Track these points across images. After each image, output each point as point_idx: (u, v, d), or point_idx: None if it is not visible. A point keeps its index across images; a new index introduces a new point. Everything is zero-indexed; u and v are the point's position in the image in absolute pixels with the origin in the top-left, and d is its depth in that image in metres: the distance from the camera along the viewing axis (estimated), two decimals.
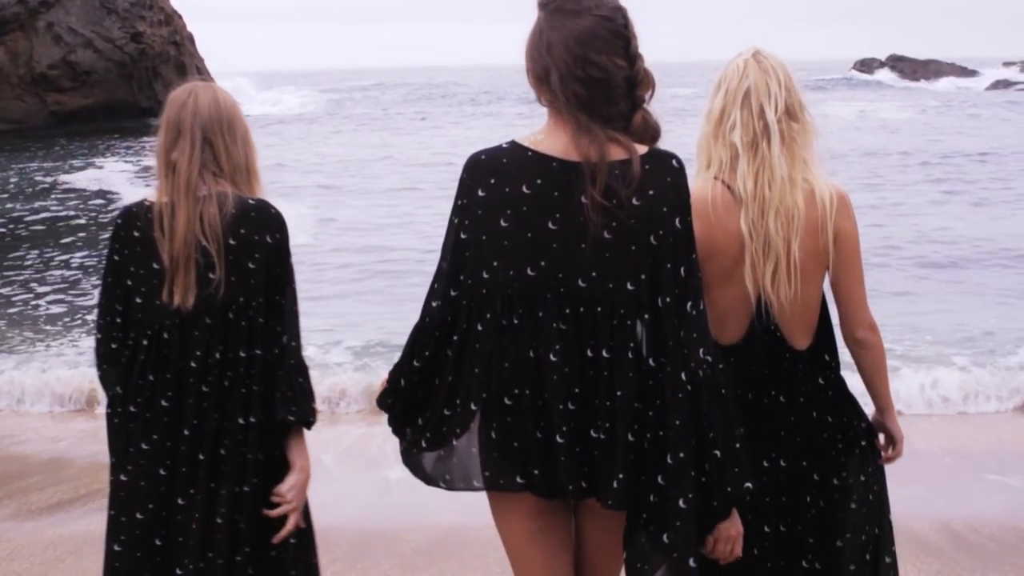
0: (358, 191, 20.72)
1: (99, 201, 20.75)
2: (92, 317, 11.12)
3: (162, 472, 2.86)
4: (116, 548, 2.90)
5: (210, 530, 2.85)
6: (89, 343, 9.90)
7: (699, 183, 2.96)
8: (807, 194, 2.93)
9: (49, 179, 24.40)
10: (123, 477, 2.89)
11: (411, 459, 2.67)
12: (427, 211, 17.48)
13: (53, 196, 21.64)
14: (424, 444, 2.59)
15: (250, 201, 2.94)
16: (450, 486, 2.62)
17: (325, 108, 51.36)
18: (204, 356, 2.87)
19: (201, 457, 2.87)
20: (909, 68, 75.10)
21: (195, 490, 2.86)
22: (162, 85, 42.05)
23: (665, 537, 2.40)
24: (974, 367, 8.21)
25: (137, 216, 2.93)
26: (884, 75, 74.37)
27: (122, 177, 24.83)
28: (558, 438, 2.40)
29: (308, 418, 2.97)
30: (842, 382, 3.10)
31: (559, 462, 2.41)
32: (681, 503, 2.37)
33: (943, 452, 6.81)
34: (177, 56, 42.63)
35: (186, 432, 2.86)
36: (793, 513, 3.03)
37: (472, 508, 3.75)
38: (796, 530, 3.03)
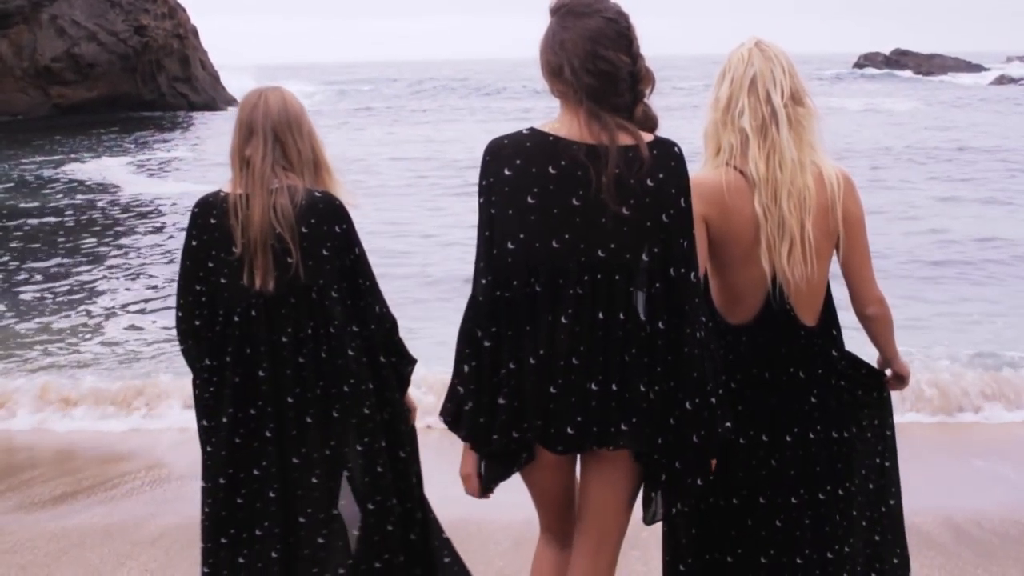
0: (361, 188, 20.68)
1: (101, 194, 20.78)
2: (96, 311, 11.14)
3: (268, 434, 3.22)
4: (239, 501, 3.27)
5: (336, 484, 3.24)
6: (88, 348, 9.90)
7: (710, 170, 3.09)
8: (816, 176, 3.05)
9: (51, 172, 24.40)
10: (237, 440, 3.24)
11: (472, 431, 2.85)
12: (424, 208, 17.47)
13: (55, 188, 21.65)
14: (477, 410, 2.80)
15: (316, 193, 3.25)
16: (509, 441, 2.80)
17: (329, 101, 51.39)
18: (295, 332, 3.21)
19: (309, 420, 3.22)
20: (913, 63, 74.94)
21: (307, 449, 3.22)
22: (165, 78, 42.05)
23: (677, 463, 2.77)
24: (979, 367, 8.15)
25: (213, 205, 3.26)
26: (888, 69, 74.24)
27: (124, 170, 24.85)
28: (552, 389, 2.71)
29: (415, 363, 3.50)
30: (847, 352, 3.26)
31: (549, 410, 2.72)
32: (695, 438, 2.75)
33: (945, 447, 6.83)
34: (181, 49, 42.61)
35: (290, 399, 3.21)
36: (832, 479, 3.16)
37: (475, 502, 3.77)
38: (838, 495, 3.17)
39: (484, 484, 2.91)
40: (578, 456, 2.91)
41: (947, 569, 4.92)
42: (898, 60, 76.09)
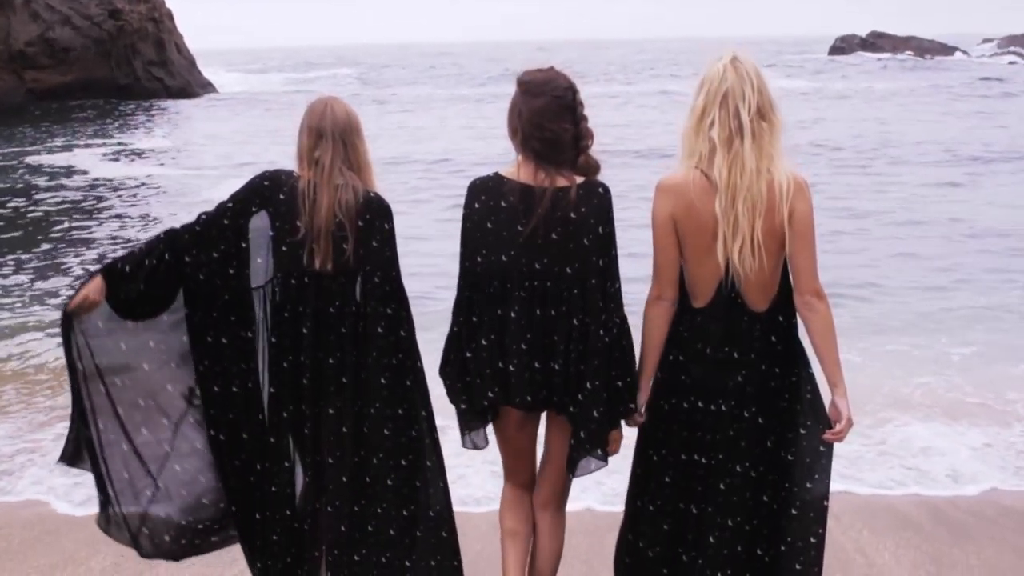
0: None
1: (71, 179, 20.72)
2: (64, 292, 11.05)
3: (305, 382, 3.79)
4: (305, 431, 3.83)
5: (359, 434, 3.80)
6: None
7: (681, 170, 3.54)
8: (769, 183, 3.45)
9: (24, 157, 24.26)
10: (272, 390, 3.85)
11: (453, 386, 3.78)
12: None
13: (24, 172, 21.54)
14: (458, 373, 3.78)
15: (370, 194, 3.80)
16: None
17: (298, 86, 51.23)
18: (341, 305, 3.76)
19: (345, 380, 3.78)
20: (889, 45, 75.15)
21: (341, 404, 3.79)
22: (141, 62, 41.78)
23: (582, 433, 3.63)
24: (962, 374, 8.15)
25: (285, 182, 3.79)
26: (864, 52, 74.44)
27: (96, 155, 24.76)
28: (511, 367, 3.62)
29: None
30: (794, 340, 3.60)
31: (511, 384, 3.64)
32: (595, 413, 3.59)
33: (923, 432, 6.89)
34: (156, 33, 42.33)
35: (331, 360, 3.78)
36: (744, 455, 3.55)
37: (461, 493, 3.83)
38: (759, 470, 3.56)
39: (464, 425, 3.78)
40: (542, 416, 3.79)
41: (923, 549, 4.98)
42: (874, 43, 76.28)
